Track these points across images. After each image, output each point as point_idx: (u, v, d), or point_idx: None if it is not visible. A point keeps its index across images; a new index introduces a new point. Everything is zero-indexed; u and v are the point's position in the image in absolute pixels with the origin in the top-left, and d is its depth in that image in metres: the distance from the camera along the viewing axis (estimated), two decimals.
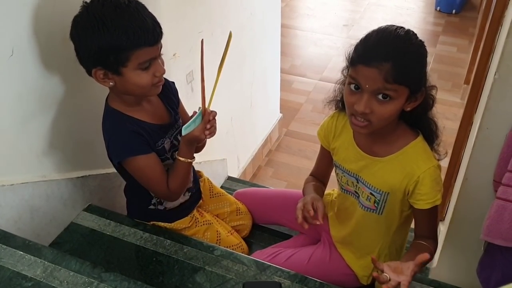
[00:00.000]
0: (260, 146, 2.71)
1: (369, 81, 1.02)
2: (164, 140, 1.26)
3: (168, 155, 1.28)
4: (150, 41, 1.09)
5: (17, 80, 1.13)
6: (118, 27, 1.05)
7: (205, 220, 1.46)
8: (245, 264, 1.21)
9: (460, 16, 4.30)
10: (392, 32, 1.03)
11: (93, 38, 1.06)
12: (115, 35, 1.05)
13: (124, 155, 1.18)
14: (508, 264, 1.14)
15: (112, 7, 1.06)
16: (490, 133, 1.22)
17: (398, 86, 1.01)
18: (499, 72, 1.13)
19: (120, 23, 1.05)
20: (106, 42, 1.05)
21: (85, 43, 1.08)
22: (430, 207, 1.14)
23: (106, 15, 1.05)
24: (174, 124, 1.30)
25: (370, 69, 1.01)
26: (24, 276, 1.05)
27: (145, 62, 1.11)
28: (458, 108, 3.04)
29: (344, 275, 1.37)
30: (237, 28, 2.10)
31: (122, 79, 1.12)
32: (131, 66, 1.10)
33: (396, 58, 0.99)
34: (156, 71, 1.14)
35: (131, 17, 1.06)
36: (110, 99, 1.21)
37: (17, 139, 1.18)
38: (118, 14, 1.05)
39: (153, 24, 1.10)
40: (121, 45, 1.06)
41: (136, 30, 1.06)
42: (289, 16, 4.37)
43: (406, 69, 1.01)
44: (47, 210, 1.31)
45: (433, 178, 1.13)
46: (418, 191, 1.13)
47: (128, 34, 1.05)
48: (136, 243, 1.28)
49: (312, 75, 3.58)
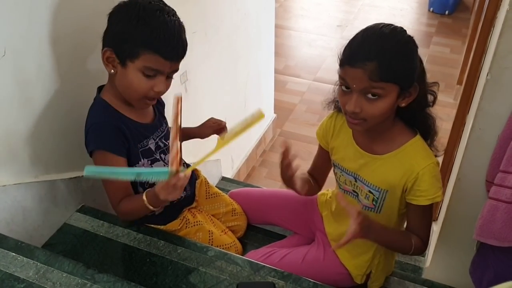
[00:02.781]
0: (254, 146, 2.71)
1: (356, 81, 1.03)
2: (148, 141, 1.26)
3: (157, 156, 1.28)
4: (166, 53, 1.11)
5: (10, 80, 1.12)
6: (148, 24, 1.08)
7: (196, 220, 1.45)
8: (239, 265, 1.21)
9: (453, 17, 4.32)
10: (377, 31, 1.04)
11: (121, 19, 1.09)
12: (141, 27, 1.07)
13: (98, 146, 1.17)
14: (500, 264, 1.15)
15: (156, 8, 1.10)
16: (482, 134, 1.22)
17: (385, 84, 1.02)
18: (491, 72, 1.13)
19: (152, 22, 1.08)
20: (131, 28, 1.08)
21: (113, 23, 1.11)
22: (427, 205, 1.15)
23: (147, 9, 1.08)
24: (159, 127, 1.31)
25: (355, 69, 1.02)
26: (16, 278, 1.05)
27: (151, 69, 1.11)
28: (451, 109, 3.06)
29: (338, 274, 1.37)
30: (231, 28, 2.10)
31: (123, 72, 1.13)
32: (137, 64, 1.11)
33: (379, 57, 1.00)
34: (156, 86, 1.14)
35: (164, 25, 1.09)
36: (104, 90, 1.22)
37: (9, 140, 1.18)
38: (157, 16, 1.09)
39: (179, 44, 1.12)
40: (139, 39, 1.08)
41: (160, 36, 1.08)
42: (283, 16, 4.38)
43: (391, 66, 1.01)
44: (40, 211, 1.30)
45: (433, 175, 1.13)
46: (418, 187, 1.14)
47: (152, 34, 1.08)
48: (130, 244, 1.28)
49: (306, 76, 3.58)
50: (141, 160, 1.24)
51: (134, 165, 1.23)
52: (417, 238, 1.21)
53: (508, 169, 1.09)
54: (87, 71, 1.32)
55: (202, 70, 1.91)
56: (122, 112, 1.21)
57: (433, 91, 1.14)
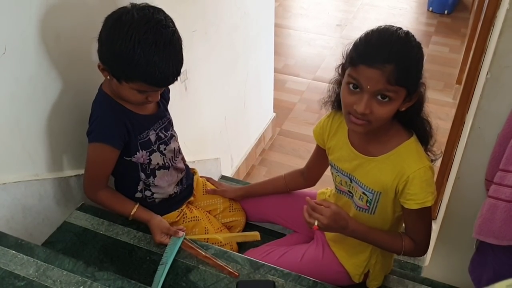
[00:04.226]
0: (254, 145, 2.71)
1: (371, 82, 1.02)
2: (149, 132, 1.28)
3: (155, 147, 1.30)
4: (161, 86, 1.16)
5: (10, 78, 1.12)
6: (144, 55, 1.05)
7: (193, 216, 1.46)
8: (239, 263, 1.21)
9: (452, 16, 4.32)
10: (394, 33, 1.03)
11: (117, 45, 1.06)
12: (137, 58, 1.05)
13: (99, 139, 1.20)
14: (500, 262, 1.15)
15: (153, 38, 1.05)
16: (482, 133, 1.23)
17: (398, 87, 1.02)
18: (491, 72, 1.14)
19: (148, 56, 1.05)
20: (126, 56, 1.06)
21: (106, 42, 1.09)
22: (419, 208, 1.14)
23: (142, 31, 1.05)
24: (162, 118, 1.33)
25: (372, 70, 1.01)
26: (16, 276, 1.05)
27: (144, 92, 1.15)
28: (450, 108, 3.06)
29: (336, 273, 1.38)
30: (230, 27, 2.09)
31: (118, 85, 1.15)
32: (132, 86, 1.13)
33: (398, 60, 1.00)
34: (151, 97, 1.18)
35: (162, 57, 1.07)
36: (104, 84, 1.24)
37: (9, 138, 1.18)
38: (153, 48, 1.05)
39: (175, 72, 1.12)
40: (135, 72, 1.08)
41: (155, 73, 1.08)
42: (282, 15, 4.38)
43: (407, 71, 1.01)
44: (40, 209, 1.30)
45: (424, 179, 1.13)
46: (408, 190, 1.14)
47: (147, 71, 1.07)
48: (130, 242, 1.28)
49: (305, 75, 3.58)
50: (139, 152, 1.27)
51: (131, 156, 1.26)
52: (409, 240, 1.21)
53: (507, 168, 1.09)
54: (87, 69, 1.32)
55: (201, 69, 1.91)
56: (123, 104, 1.23)
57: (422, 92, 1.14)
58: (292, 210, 1.54)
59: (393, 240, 1.22)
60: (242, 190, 1.61)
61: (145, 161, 1.29)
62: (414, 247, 1.22)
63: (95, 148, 1.22)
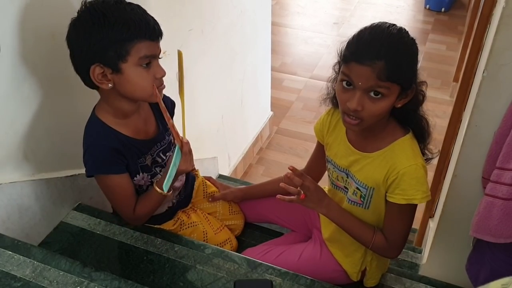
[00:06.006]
0: (251, 144, 2.71)
1: (362, 79, 1.02)
2: (146, 157, 1.24)
3: (157, 170, 1.27)
4: (151, 35, 1.09)
5: (4, 78, 1.12)
6: (119, 19, 1.04)
7: (191, 222, 1.45)
8: (236, 262, 1.21)
9: (449, 14, 4.33)
10: (385, 30, 1.03)
11: (92, 33, 1.04)
12: (116, 27, 1.04)
13: (97, 171, 1.17)
14: (497, 260, 1.15)
15: (113, 2, 1.06)
16: (478, 131, 1.23)
17: (390, 84, 1.02)
18: (487, 69, 1.14)
19: (121, 15, 1.05)
20: (106, 35, 1.04)
21: (84, 40, 1.05)
22: (403, 204, 1.14)
23: (107, 9, 1.04)
24: (161, 141, 1.28)
25: (363, 67, 1.01)
26: (13, 276, 1.04)
27: (145, 57, 1.09)
28: (447, 106, 3.06)
29: (334, 272, 1.38)
30: (227, 25, 2.09)
31: (122, 78, 1.08)
32: (132, 61, 1.07)
33: (389, 56, 1.00)
34: (157, 72, 1.12)
35: (132, 11, 1.07)
36: (98, 107, 1.18)
37: (5, 138, 1.17)
38: (120, 8, 1.06)
39: (154, 21, 1.10)
40: (122, 37, 1.04)
41: (137, 22, 1.05)
42: (279, 14, 4.37)
43: (399, 67, 1.01)
44: (36, 210, 1.30)
45: (413, 176, 1.12)
46: (396, 185, 1.14)
47: (129, 25, 1.05)
48: (127, 242, 1.28)
49: (302, 73, 3.58)
50: (140, 174, 1.24)
51: (133, 178, 1.22)
52: (382, 236, 1.21)
53: (504, 166, 1.09)
54: None
55: (198, 67, 1.90)
56: (118, 129, 1.17)
57: (423, 91, 1.14)
58: (289, 210, 1.54)
59: (364, 230, 1.22)
60: (242, 191, 1.61)
61: (147, 183, 1.26)
62: (384, 245, 1.22)
63: (102, 180, 1.19)
